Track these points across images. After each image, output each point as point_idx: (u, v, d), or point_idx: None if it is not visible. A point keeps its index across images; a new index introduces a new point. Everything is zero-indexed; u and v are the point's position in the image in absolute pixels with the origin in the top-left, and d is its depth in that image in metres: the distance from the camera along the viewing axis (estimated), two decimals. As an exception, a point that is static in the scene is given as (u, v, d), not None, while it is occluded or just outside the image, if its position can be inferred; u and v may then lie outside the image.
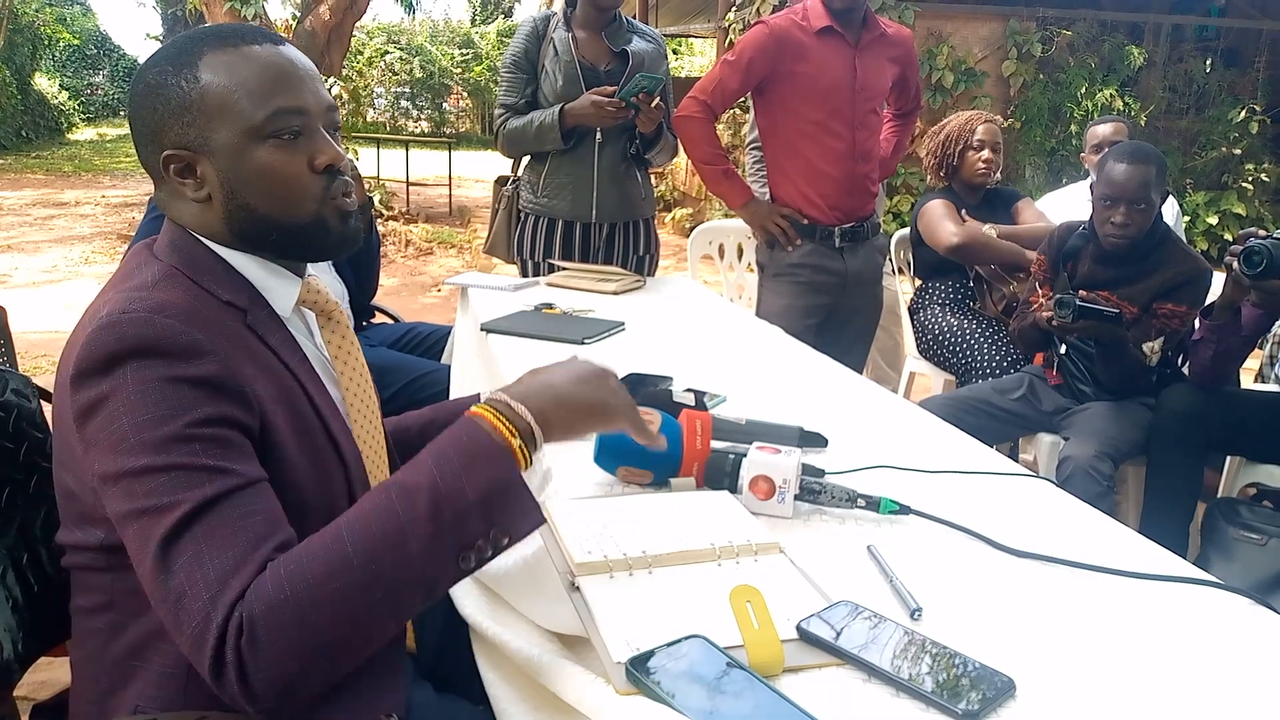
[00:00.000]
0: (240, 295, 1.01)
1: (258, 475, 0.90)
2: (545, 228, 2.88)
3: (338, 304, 1.15)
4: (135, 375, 0.88)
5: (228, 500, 0.86)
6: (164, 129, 0.99)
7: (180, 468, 0.86)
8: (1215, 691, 0.90)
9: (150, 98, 0.99)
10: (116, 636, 0.99)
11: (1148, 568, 1.13)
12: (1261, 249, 2.03)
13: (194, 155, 0.99)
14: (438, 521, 0.84)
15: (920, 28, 7.61)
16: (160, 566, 0.83)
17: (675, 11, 12.74)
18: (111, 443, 0.87)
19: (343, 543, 0.83)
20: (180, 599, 0.82)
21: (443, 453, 0.88)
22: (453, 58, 18.58)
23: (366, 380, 1.16)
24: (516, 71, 2.82)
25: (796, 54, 2.63)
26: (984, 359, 2.97)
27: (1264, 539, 2.27)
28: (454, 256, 7.96)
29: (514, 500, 0.88)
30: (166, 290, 0.94)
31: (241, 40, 1.00)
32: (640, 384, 1.68)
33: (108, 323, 0.89)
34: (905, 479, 1.36)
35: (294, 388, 1.00)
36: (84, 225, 8.78)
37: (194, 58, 0.99)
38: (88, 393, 0.89)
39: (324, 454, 1.02)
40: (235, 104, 0.98)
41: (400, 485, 0.87)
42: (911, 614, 0.98)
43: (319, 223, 1.04)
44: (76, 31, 19.75)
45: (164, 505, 0.85)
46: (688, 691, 0.81)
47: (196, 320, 0.92)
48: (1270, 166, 8.24)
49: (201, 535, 0.84)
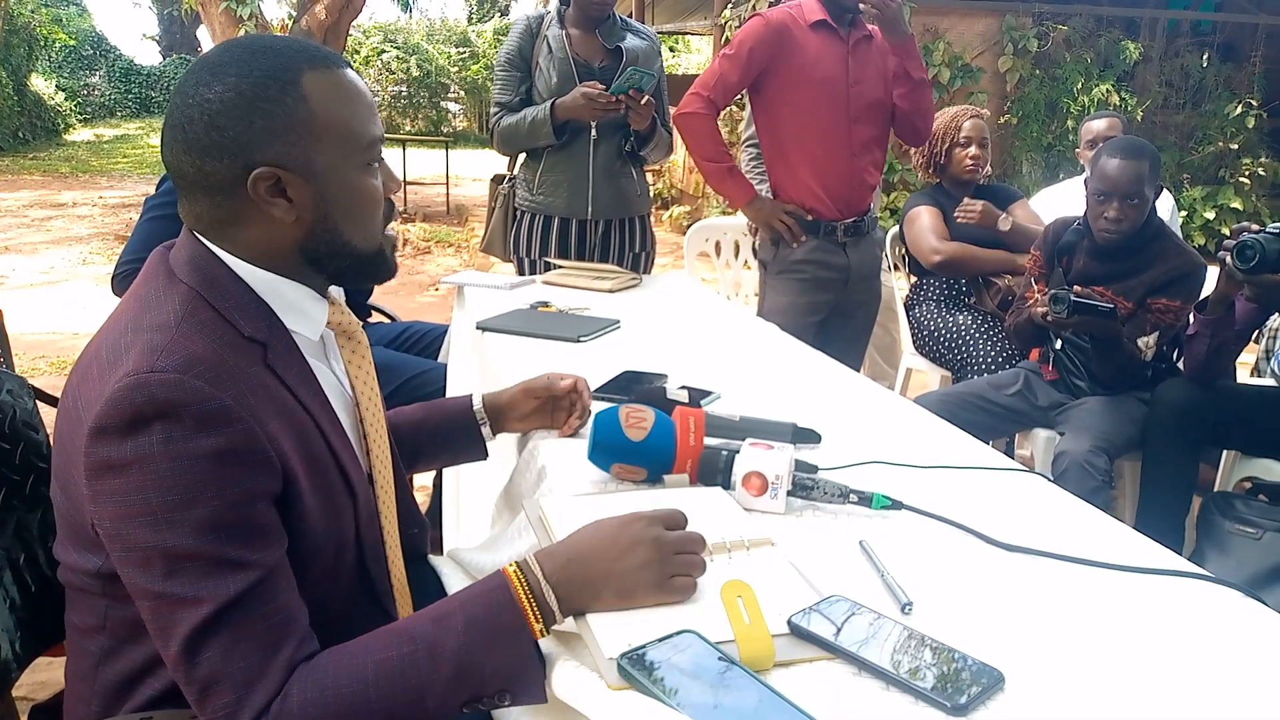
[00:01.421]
0: (260, 326, 0.99)
1: (276, 559, 0.92)
2: (541, 225, 2.89)
3: (359, 325, 1.16)
4: (162, 444, 0.87)
5: (249, 597, 0.88)
6: (257, 144, 0.95)
7: (204, 558, 0.87)
8: (1205, 684, 0.90)
9: (244, 110, 0.95)
10: (109, 661, 1.00)
11: (1139, 562, 1.13)
12: (1254, 243, 2.04)
13: (291, 175, 0.97)
14: (455, 686, 0.89)
15: (916, 24, 7.60)
16: (185, 655, 0.87)
17: (672, 9, 12.73)
18: (133, 511, 0.87)
19: (366, 688, 0.87)
20: (206, 689, 0.87)
21: (472, 621, 0.91)
22: (449, 56, 18.56)
23: (378, 399, 1.17)
24: (511, 70, 2.83)
25: (792, 46, 2.65)
26: (980, 355, 2.98)
27: (1259, 533, 2.27)
28: (451, 255, 7.96)
29: (524, 676, 0.91)
30: (190, 335, 0.92)
31: (333, 63, 1.01)
32: (635, 381, 1.69)
33: (135, 381, 0.87)
34: (898, 475, 1.37)
35: (309, 428, 1.00)
36: (81, 226, 8.78)
37: (295, 75, 0.97)
38: (108, 450, 0.88)
39: (335, 490, 1.03)
40: (344, 128, 0.99)
41: (429, 645, 0.89)
42: (902, 608, 0.99)
43: (380, 251, 1.07)
44: (72, 32, 19.71)
45: (187, 598, 0.87)
46: (679, 686, 0.81)
47: (223, 375, 0.91)
48: (1267, 161, 8.25)
49: (227, 636, 0.87)
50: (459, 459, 1.51)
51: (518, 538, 1.22)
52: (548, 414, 1.47)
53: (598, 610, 0.93)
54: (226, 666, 0.86)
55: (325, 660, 0.90)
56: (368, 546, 1.10)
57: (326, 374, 1.10)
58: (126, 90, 21.55)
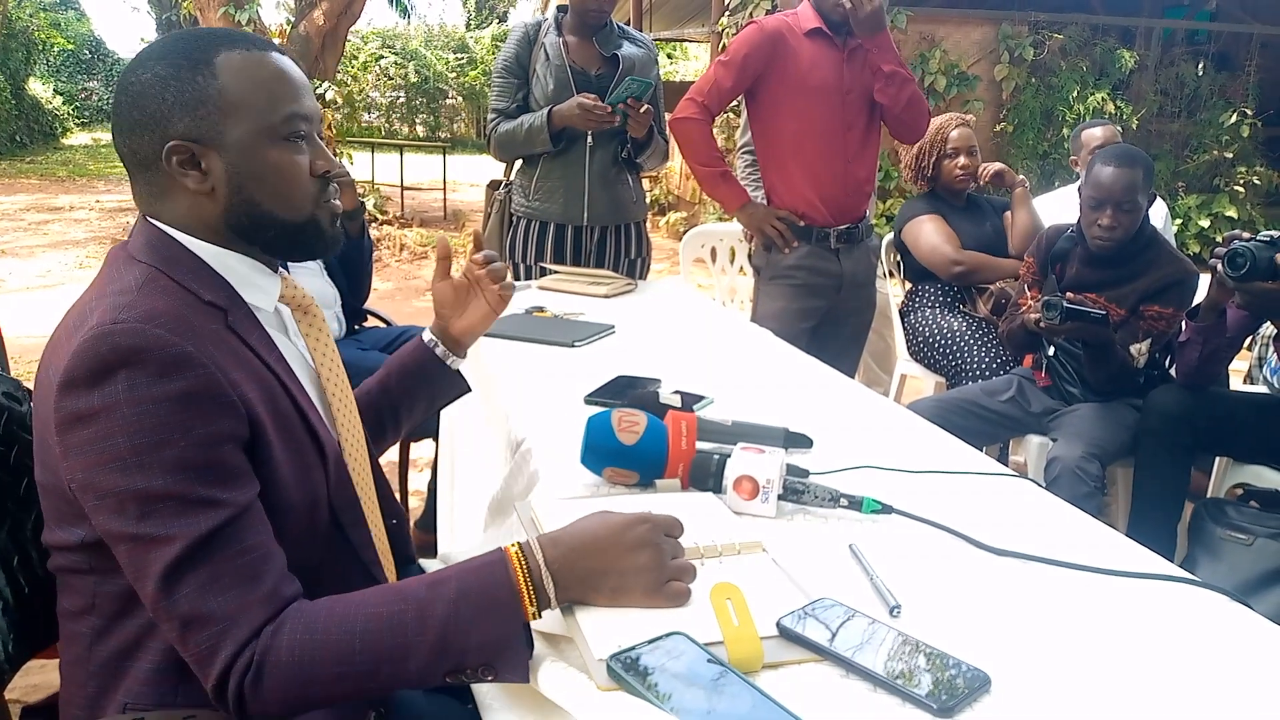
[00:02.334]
0: (220, 295, 1.03)
1: (247, 499, 0.94)
2: (537, 231, 2.90)
3: (312, 299, 1.19)
4: (128, 391, 0.90)
5: (222, 534, 0.91)
6: (170, 119, 1.00)
7: (174, 497, 0.90)
8: (1192, 689, 0.91)
9: (158, 88, 1.01)
10: (102, 640, 1.01)
11: (1129, 567, 1.14)
12: (1245, 251, 2.05)
13: (202, 148, 1.01)
14: (439, 651, 0.90)
15: (912, 32, 7.64)
16: (162, 593, 0.89)
17: (669, 16, 12.77)
18: (103, 458, 0.90)
19: (353, 638, 0.89)
20: (186, 624, 0.89)
21: (465, 590, 0.92)
22: (447, 62, 18.58)
23: (340, 369, 1.19)
24: (508, 77, 2.84)
25: (787, 54, 2.66)
26: (974, 361, 2.99)
27: (1250, 539, 2.28)
28: (448, 260, 7.96)
29: (510, 653, 0.92)
30: (152, 295, 0.96)
31: (253, 45, 1.05)
32: (629, 386, 1.70)
33: (99, 333, 0.91)
34: (889, 479, 1.38)
35: (274, 386, 1.03)
36: (78, 230, 8.78)
37: (209, 55, 1.02)
38: (76, 402, 0.90)
39: (304, 448, 1.05)
40: (254, 103, 1.02)
41: (419, 606, 0.91)
42: (891, 611, 0.99)
43: (313, 223, 1.09)
44: (71, 36, 19.74)
45: (159, 536, 0.89)
46: (668, 687, 0.82)
47: (185, 327, 0.94)
48: (1262, 170, 8.29)
49: (202, 571, 0.89)
50: (440, 399, 1.50)
51: (509, 540, 1.22)
52: (481, 302, 1.45)
53: (592, 603, 0.94)
54: (204, 602, 0.89)
55: (320, 605, 0.92)
56: (343, 511, 1.11)
57: (289, 346, 1.13)
58: (124, 94, 21.52)
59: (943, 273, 3.17)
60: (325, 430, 1.10)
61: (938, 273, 3.19)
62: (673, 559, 0.97)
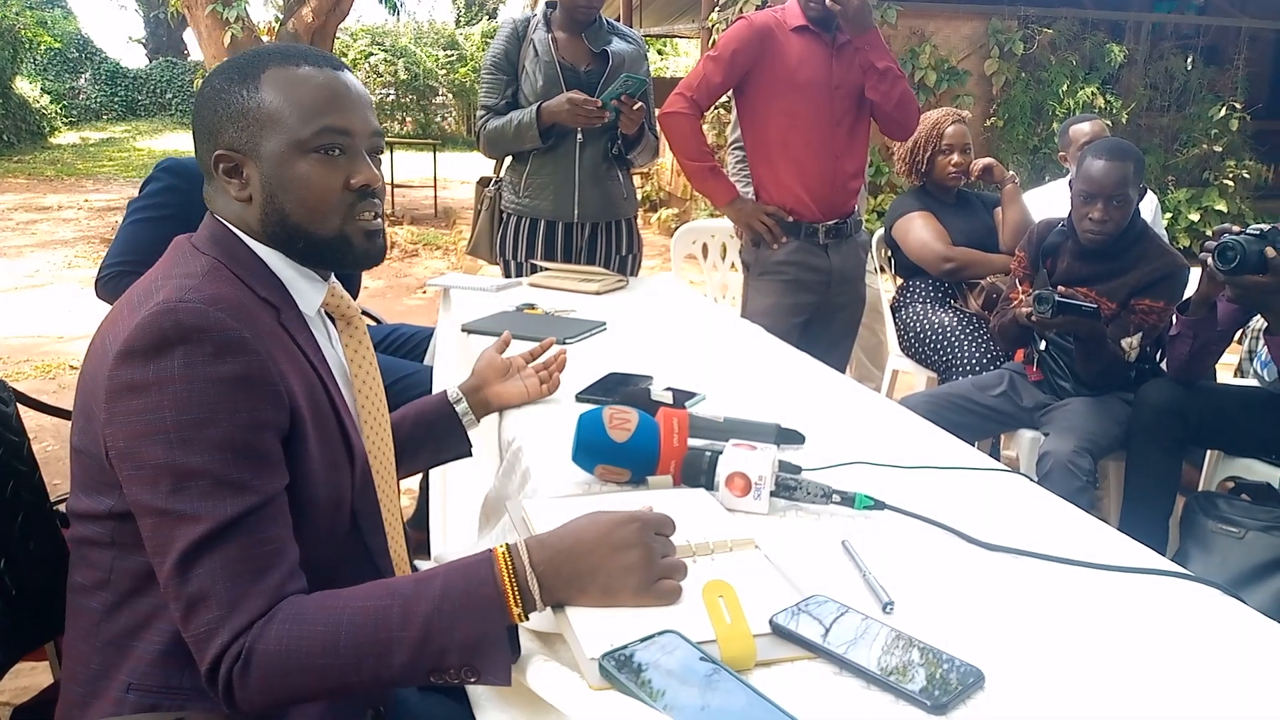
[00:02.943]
0: (274, 293, 1.08)
1: (275, 489, 0.98)
2: (527, 228, 2.89)
3: (358, 311, 1.22)
4: (184, 367, 0.93)
5: (246, 521, 0.94)
6: (220, 130, 1.08)
7: (209, 476, 0.93)
8: (1184, 683, 0.91)
9: (214, 101, 1.08)
10: (112, 616, 1.04)
11: (1121, 561, 1.14)
12: (1235, 244, 2.05)
13: (243, 158, 1.08)
14: (422, 648, 0.91)
15: (903, 27, 7.64)
16: (177, 570, 0.92)
17: (659, 12, 12.75)
18: (149, 430, 0.93)
19: (338, 630, 0.91)
20: (192, 605, 0.92)
21: (450, 587, 0.93)
22: (437, 59, 18.52)
23: (379, 384, 1.22)
24: (497, 73, 2.83)
25: (776, 49, 2.66)
26: (965, 356, 2.99)
27: (1242, 532, 2.29)
28: (439, 258, 7.95)
29: (492, 653, 0.92)
30: (216, 282, 1.02)
31: (305, 61, 1.09)
32: (620, 383, 1.69)
33: (164, 308, 0.95)
34: (882, 475, 1.37)
35: (317, 384, 1.07)
36: (67, 230, 8.73)
37: (258, 71, 1.08)
38: (131, 372, 0.94)
39: (336, 449, 1.09)
40: (287, 116, 1.06)
41: (404, 601, 0.92)
42: (884, 607, 0.99)
43: (342, 238, 1.11)
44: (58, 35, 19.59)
45: (187, 514, 0.92)
46: (660, 685, 0.81)
47: (244, 314, 0.99)
48: (1251, 163, 8.31)
49: (219, 555, 0.92)
50: (442, 455, 1.54)
51: (501, 540, 1.21)
52: (520, 384, 1.56)
53: (580, 605, 0.93)
54: (214, 585, 0.91)
55: (313, 599, 0.94)
56: (363, 517, 1.14)
57: (331, 353, 1.16)
58: (112, 93, 21.44)
59: (933, 269, 3.17)
60: (357, 436, 1.14)
61: (928, 269, 3.19)
62: (663, 557, 0.96)
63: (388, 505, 1.20)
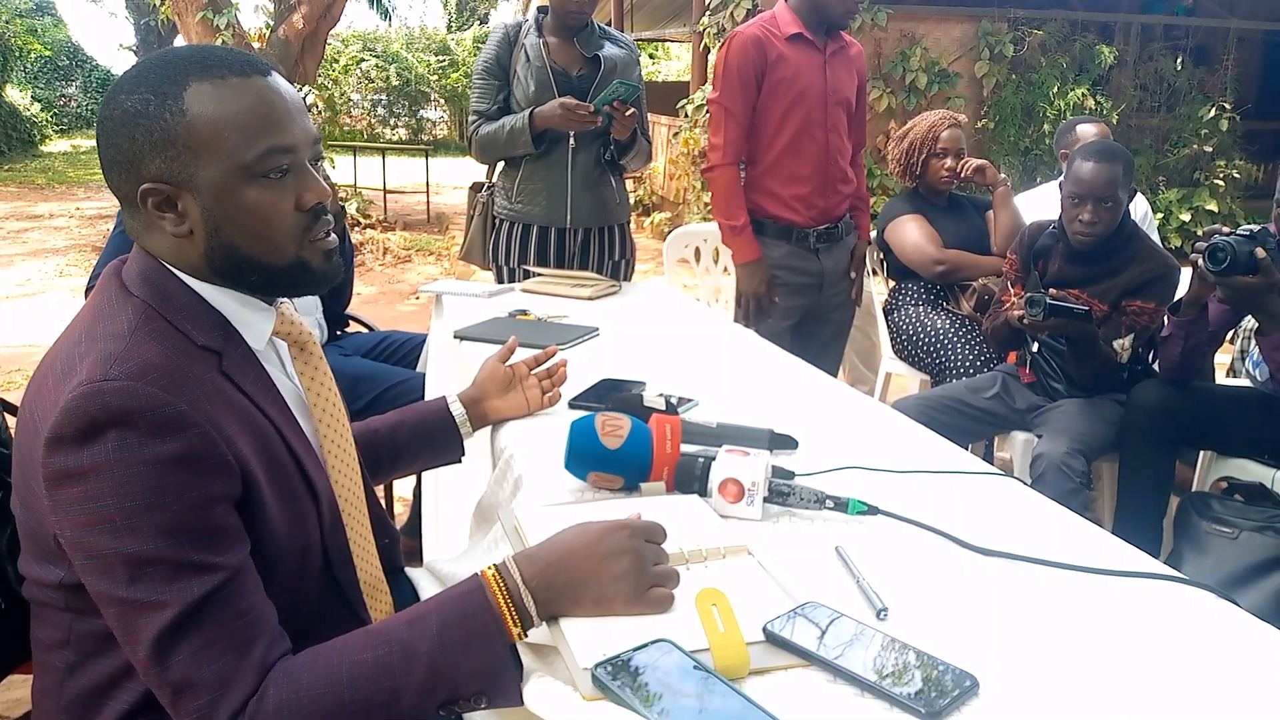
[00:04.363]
0: (214, 336, 0.99)
1: (239, 561, 0.92)
2: (520, 233, 2.89)
3: (311, 335, 1.15)
4: (119, 452, 0.86)
5: (215, 599, 0.88)
6: (143, 160, 0.95)
7: (166, 562, 0.87)
8: (1179, 686, 0.91)
9: (129, 126, 0.95)
10: (74, 676, 0.99)
11: (1115, 564, 1.14)
12: (1225, 245, 2.06)
13: (176, 190, 0.96)
14: (430, 688, 0.89)
15: (893, 29, 7.66)
16: (154, 660, 0.87)
17: (651, 17, 12.77)
18: (92, 519, 0.87)
19: (341, 689, 0.88)
20: (178, 691, 0.87)
21: (447, 622, 0.91)
22: (429, 65, 18.50)
23: (339, 408, 1.16)
24: (489, 78, 2.83)
25: (774, 58, 2.66)
26: (958, 358, 2.99)
27: (1235, 532, 2.29)
28: (432, 264, 7.94)
29: (501, 677, 0.91)
30: (144, 343, 0.92)
31: (230, 70, 0.97)
32: (613, 389, 1.69)
33: (89, 390, 0.87)
34: (875, 480, 1.37)
35: (269, 433, 1.00)
36: (58, 238, 8.70)
37: (179, 87, 0.94)
38: (64, 460, 0.87)
39: (298, 494, 1.03)
40: (225, 141, 0.95)
41: (403, 646, 0.90)
42: (878, 614, 0.99)
43: (300, 264, 1.02)
44: (48, 43, 19.53)
45: (152, 602, 0.86)
46: (654, 695, 0.81)
47: (178, 381, 0.91)
48: (1241, 163, 8.35)
49: (195, 639, 0.87)
50: (436, 461, 1.53)
51: (494, 548, 1.21)
52: (520, 396, 1.54)
53: (575, 615, 0.93)
54: (198, 669, 0.86)
55: (302, 661, 0.90)
56: (333, 551, 1.09)
57: (285, 382, 1.10)
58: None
59: (925, 271, 3.18)
60: (320, 473, 1.07)
61: (920, 272, 3.20)
62: (655, 565, 0.96)
63: (357, 530, 1.16)
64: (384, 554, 1.24)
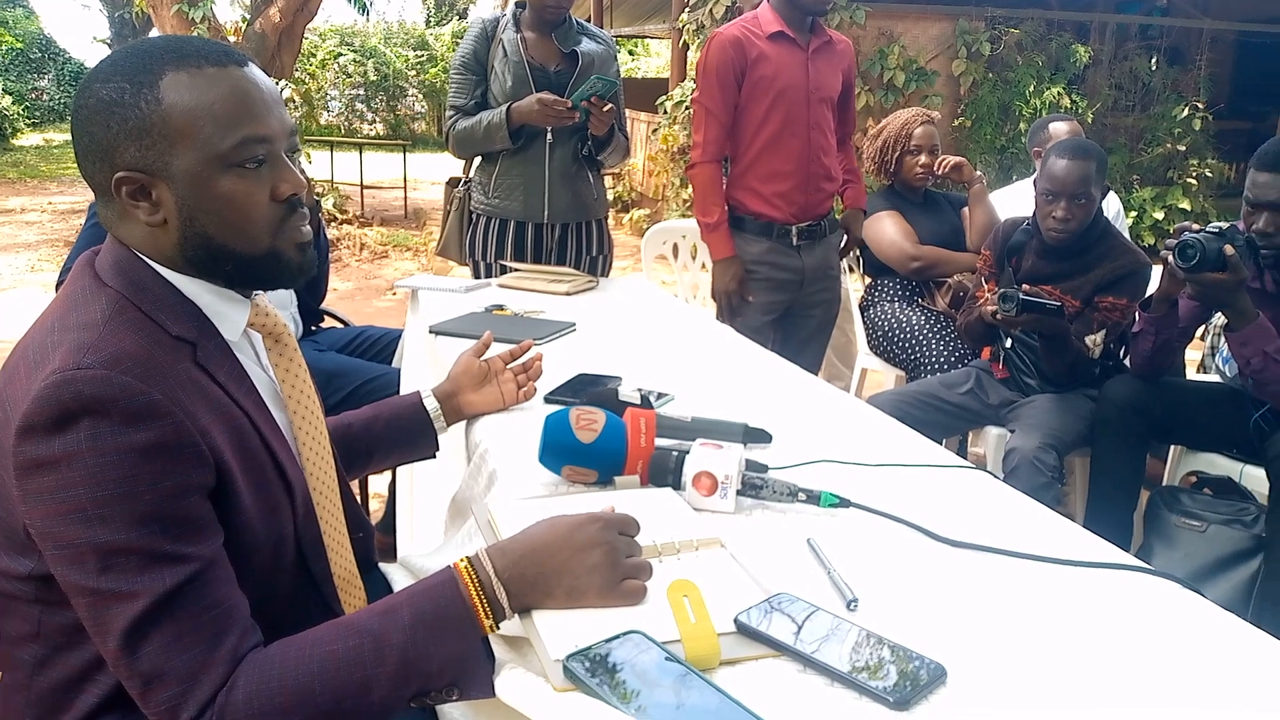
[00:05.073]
0: (189, 326, 0.99)
1: (212, 552, 0.91)
2: (497, 229, 2.88)
3: (286, 327, 1.14)
4: (91, 440, 0.86)
5: (186, 590, 0.88)
6: (118, 149, 0.95)
7: (137, 552, 0.86)
8: (1144, 675, 0.92)
9: (104, 114, 0.95)
10: (44, 670, 0.98)
11: (1082, 556, 1.15)
12: (1195, 243, 2.08)
13: (150, 179, 0.96)
14: (402, 679, 0.89)
15: (871, 27, 7.70)
16: (124, 650, 0.86)
17: (630, 13, 12.75)
18: (64, 508, 0.86)
19: (311, 680, 0.87)
20: (149, 682, 0.86)
21: (419, 614, 0.91)
22: (407, 60, 18.41)
23: (313, 400, 1.16)
24: (466, 73, 2.82)
25: (754, 57, 2.68)
26: (933, 354, 3.01)
27: (1204, 525, 2.32)
28: (409, 259, 7.90)
29: (472, 669, 0.91)
30: (118, 332, 0.92)
31: (205, 60, 0.97)
32: (589, 384, 1.69)
33: (61, 379, 0.87)
34: (848, 473, 1.38)
35: (243, 424, 1.00)
36: (29, 233, 8.59)
37: (154, 76, 0.95)
38: (36, 448, 0.87)
39: (272, 486, 1.02)
40: (200, 130, 0.95)
41: (375, 637, 0.90)
42: (848, 605, 1.00)
43: (273, 255, 1.02)
44: (19, 35, 19.30)
45: (122, 592, 0.86)
46: (625, 686, 0.81)
47: (152, 370, 0.90)
48: (1213, 162, 8.45)
49: (166, 629, 0.86)
50: (411, 456, 1.52)
51: (468, 542, 1.21)
52: (495, 390, 1.55)
53: (547, 608, 0.93)
54: (168, 660, 0.86)
55: (273, 652, 0.89)
56: (307, 544, 1.09)
57: (260, 374, 1.10)
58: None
59: (901, 268, 3.20)
60: (294, 465, 1.07)
61: (896, 268, 3.22)
62: (628, 557, 0.96)
63: (330, 524, 1.15)
64: (358, 548, 1.24)
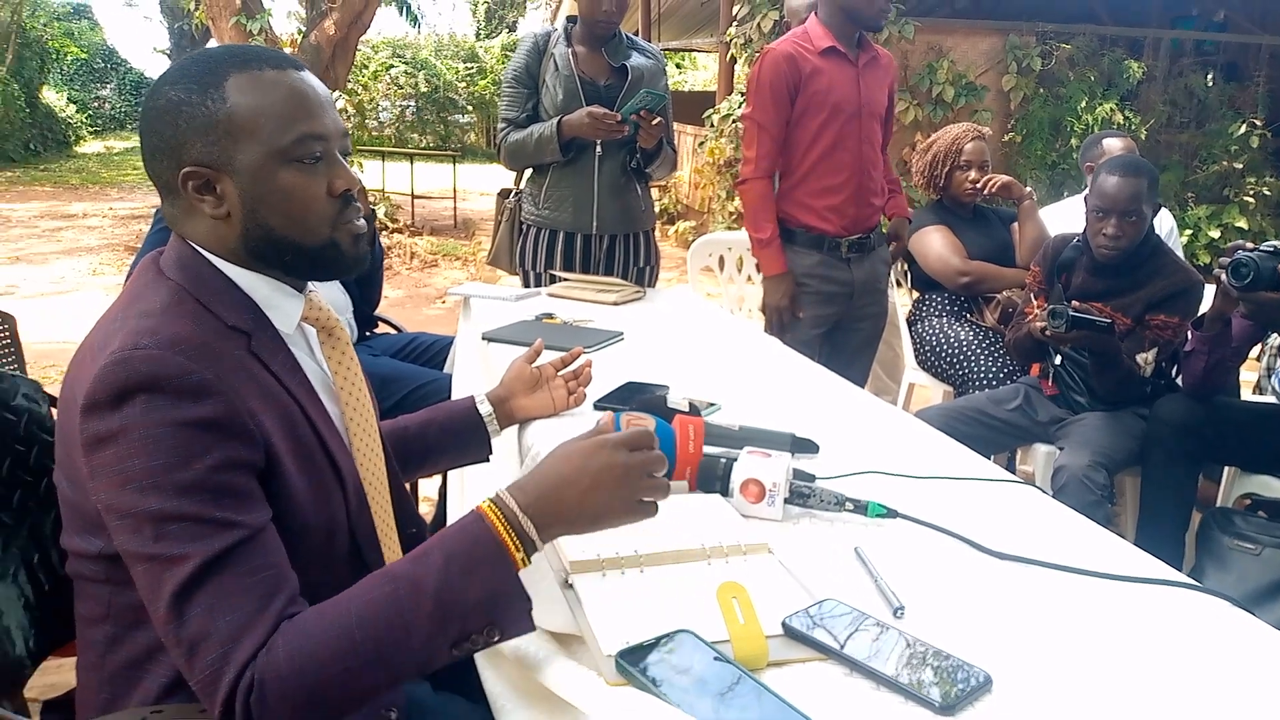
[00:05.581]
0: (245, 317, 1.04)
1: (261, 522, 0.95)
2: (547, 239, 2.93)
3: (339, 320, 1.18)
4: (145, 414, 0.91)
5: (235, 554, 0.91)
6: (185, 145, 1.01)
7: (189, 518, 0.90)
8: (1193, 694, 0.92)
9: (172, 114, 1.02)
10: (115, 649, 1.03)
11: (1133, 573, 1.15)
12: (1249, 261, 2.06)
13: (215, 173, 1.02)
14: (440, 619, 0.91)
15: (920, 42, 7.66)
16: (173, 614, 0.89)
17: (678, 27, 12.82)
18: (122, 479, 0.91)
19: (350, 629, 0.89)
20: (193, 647, 0.88)
21: (451, 554, 0.93)
22: (457, 72, 18.66)
23: (365, 394, 1.19)
24: (518, 86, 2.87)
25: (808, 73, 2.70)
26: (981, 370, 3.00)
27: (1258, 548, 2.28)
28: (459, 268, 8.01)
29: (510, 604, 0.93)
30: (175, 319, 0.98)
31: (266, 65, 1.04)
32: (637, 392, 1.72)
33: (120, 358, 0.92)
34: (895, 485, 1.39)
35: (294, 412, 1.04)
36: (91, 237, 8.84)
37: (220, 78, 1.02)
38: (98, 424, 0.92)
39: (323, 473, 1.06)
40: (263, 126, 1.02)
41: (410, 580, 0.91)
42: (895, 612, 1.01)
43: (332, 245, 1.08)
44: (84, 45, 19.88)
45: (174, 556, 0.89)
46: (675, 682, 0.84)
47: (206, 354, 0.95)
48: (1271, 180, 8.26)
49: (213, 591, 0.89)
50: (464, 459, 1.56)
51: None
52: (546, 396, 1.58)
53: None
54: (213, 622, 0.88)
55: (309, 612, 0.92)
56: (362, 536, 1.12)
57: (313, 366, 1.14)
58: (137, 103, 21.71)
59: (949, 283, 3.19)
60: (345, 455, 1.11)
61: (944, 283, 3.21)
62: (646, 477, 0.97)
63: (381, 517, 1.18)
64: (409, 544, 1.26)
